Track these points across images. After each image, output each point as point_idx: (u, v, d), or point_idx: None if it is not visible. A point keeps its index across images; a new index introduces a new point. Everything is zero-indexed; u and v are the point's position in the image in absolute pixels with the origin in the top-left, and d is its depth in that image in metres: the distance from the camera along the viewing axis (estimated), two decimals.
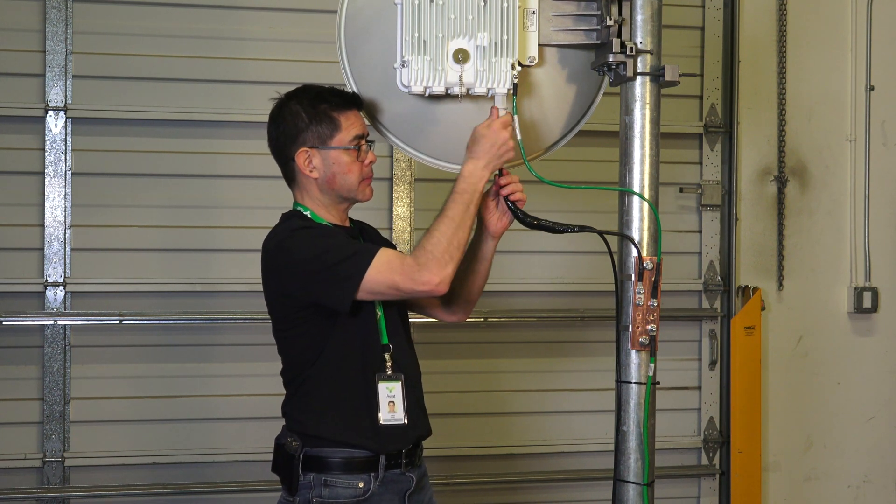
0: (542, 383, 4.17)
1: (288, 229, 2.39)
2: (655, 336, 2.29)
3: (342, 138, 2.40)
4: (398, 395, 2.41)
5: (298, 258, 2.32)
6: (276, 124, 2.45)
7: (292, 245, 2.34)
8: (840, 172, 4.40)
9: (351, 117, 2.42)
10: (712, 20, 4.25)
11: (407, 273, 2.25)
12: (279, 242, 2.38)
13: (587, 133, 2.69)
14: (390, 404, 2.40)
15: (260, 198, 3.88)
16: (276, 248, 2.38)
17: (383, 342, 2.43)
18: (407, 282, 2.24)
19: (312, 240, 2.34)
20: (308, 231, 2.37)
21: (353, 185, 2.43)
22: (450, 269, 2.25)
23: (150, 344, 3.87)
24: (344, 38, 2.48)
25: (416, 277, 2.24)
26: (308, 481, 2.38)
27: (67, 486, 3.80)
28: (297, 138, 2.41)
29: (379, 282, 2.26)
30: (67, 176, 3.79)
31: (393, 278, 2.25)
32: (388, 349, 2.42)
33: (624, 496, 2.33)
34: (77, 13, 3.78)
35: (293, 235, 2.36)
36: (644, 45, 2.31)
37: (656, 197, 2.33)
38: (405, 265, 2.26)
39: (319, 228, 2.41)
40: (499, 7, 2.28)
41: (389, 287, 2.26)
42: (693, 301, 4.31)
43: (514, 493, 4.16)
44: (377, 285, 2.26)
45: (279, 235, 2.40)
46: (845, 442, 4.43)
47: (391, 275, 2.25)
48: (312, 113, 2.39)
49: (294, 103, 2.42)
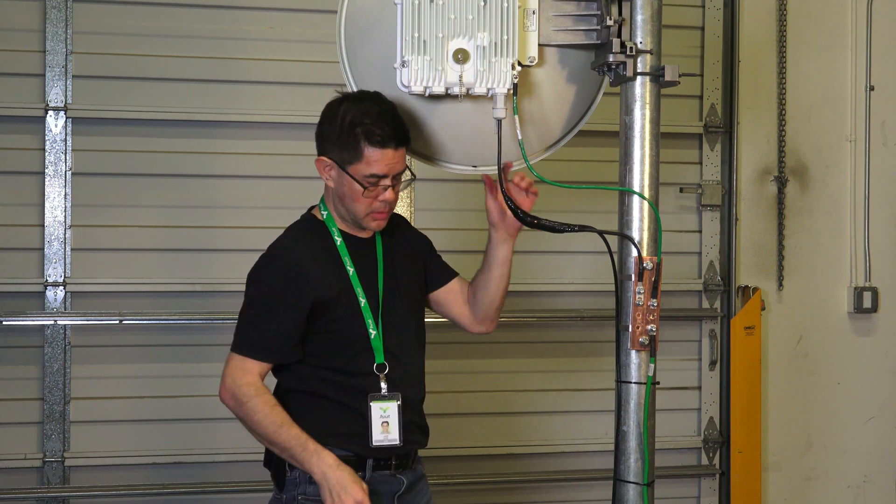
0: (542, 383, 4.17)
1: (269, 249, 2.44)
2: (655, 336, 2.29)
3: (359, 170, 2.34)
4: (393, 415, 2.39)
5: (247, 289, 2.44)
6: (321, 120, 2.41)
7: (254, 271, 2.44)
8: (840, 172, 4.40)
9: (379, 155, 2.32)
10: (712, 20, 4.25)
11: (224, 382, 2.40)
12: (262, 256, 2.44)
13: (587, 133, 2.69)
14: (384, 425, 2.38)
15: (260, 198, 3.88)
16: (260, 257, 2.45)
17: (378, 361, 2.40)
18: (220, 383, 2.42)
19: (256, 282, 2.42)
20: (264, 269, 2.41)
21: (359, 214, 2.40)
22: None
23: (150, 344, 3.87)
24: (344, 38, 2.48)
25: (220, 387, 2.42)
26: (294, 478, 2.39)
27: (67, 486, 3.80)
28: (325, 145, 2.39)
29: (226, 369, 2.42)
30: (67, 176, 3.79)
31: (223, 373, 2.41)
32: (383, 368, 2.40)
33: (624, 496, 2.33)
34: (77, 13, 3.78)
35: (259, 262, 2.43)
36: (644, 45, 2.30)
37: (656, 197, 2.32)
38: (228, 380, 2.39)
39: (277, 266, 2.40)
40: (499, 7, 2.28)
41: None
42: (693, 301, 4.31)
43: (514, 493, 4.16)
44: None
45: (268, 250, 2.44)
46: (845, 442, 4.43)
47: (225, 372, 2.41)
48: (348, 131, 2.33)
49: (343, 110, 2.35)
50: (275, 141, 3.91)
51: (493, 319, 2.63)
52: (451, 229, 3.90)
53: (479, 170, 2.54)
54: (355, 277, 2.41)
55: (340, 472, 2.29)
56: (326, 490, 2.29)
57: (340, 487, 2.28)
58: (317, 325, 2.37)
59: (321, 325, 2.37)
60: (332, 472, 2.29)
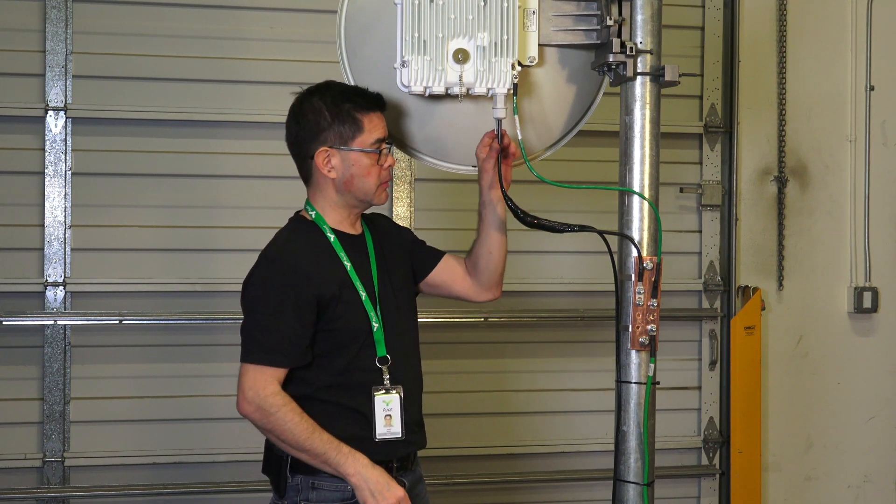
0: (542, 383, 4.17)
1: (264, 252, 2.39)
2: (655, 336, 2.29)
3: (364, 140, 2.35)
4: (395, 408, 2.38)
5: (246, 295, 2.37)
6: (297, 120, 2.39)
7: (252, 276, 2.37)
8: (840, 172, 4.40)
9: (374, 119, 2.36)
10: (712, 20, 4.25)
11: (244, 395, 2.30)
12: (257, 261, 2.38)
13: (587, 133, 2.70)
14: (387, 418, 2.38)
15: (260, 198, 3.88)
16: (255, 263, 2.39)
17: (380, 354, 2.39)
18: (239, 395, 2.32)
19: (257, 286, 2.35)
20: (263, 272, 2.35)
21: (371, 188, 2.39)
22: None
23: (150, 344, 3.87)
24: (344, 38, 2.48)
25: (240, 400, 2.32)
26: (296, 484, 2.37)
27: (67, 486, 3.80)
28: (318, 136, 2.36)
29: (241, 379, 2.32)
30: (67, 176, 3.79)
31: (241, 386, 2.31)
32: (385, 361, 2.39)
33: (624, 496, 2.33)
34: (77, 13, 3.78)
35: (256, 267, 2.37)
36: (644, 45, 2.31)
37: (656, 197, 2.32)
38: (249, 392, 2.30)
39: (276, 267, 2.34)
40: (499, 7, 2.28)
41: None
42: (693, 301, 4.31)
43: (514, 493, 4.16)
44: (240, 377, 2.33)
45: (262, 254, 2.39)
46: (845, 442, 4.43)
47: (243, 385, 2.31)
48: (335, 112, 2.34)
49: (317, 100, 2.36)
50: (275, 141, 3.88)
51: (500, 283, 2.62)
52: (451, 229, 3.90)
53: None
54: (353, 272, 2.39)
55: (378, 472, 2.31)
56: (367, 491, 2.28)
57: (382, 486, 2.29)
58: (321, 323, 2.36)
59: (325, 323, 2.35)
60: (369, 472, 2.30)
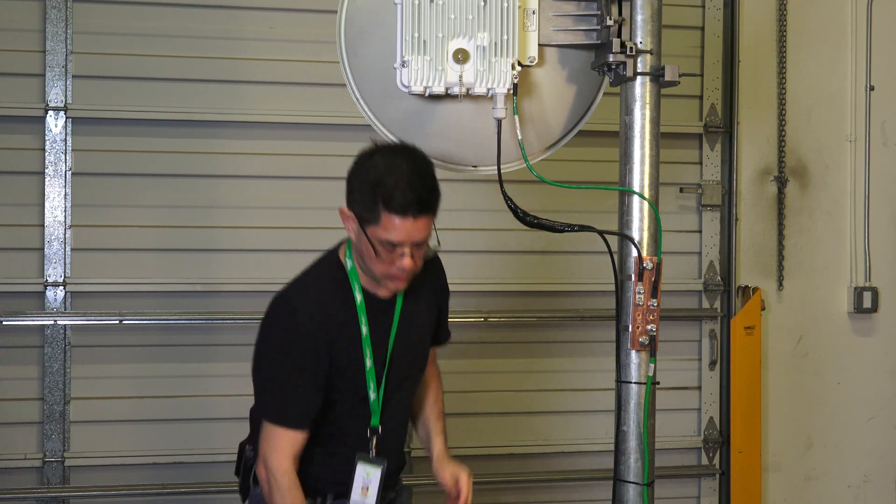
0: (542, 383, 4.17)
1: (290, 293, 2.31)
2: (655, 336, 2.29)
3: (376, 233, 2.19)
4: (374, 481, 2.35)
5: (265, 337, 2.32)
6: (352, 169, 2.25)
7: (273, 317, 2.31)
8: (840, 172, 4.40)
9: (397, 223, 2.15)
10: (712, 20, 4.25)
11: (263, 456, 2.30)
12: (282, 301, 2.31)
13: (587, 133, 2.69)
14: (364, 489, 2.35)
15: (260, 198, 3.87)
16: (278, 302, 2.32)
17: (373, 424, 2.36)
18: (261, 456, 2.32)
19: (277, 338, 2.29)
20: (286, 323, 2.28)
21: (374, 274, 2.28)
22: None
23: (150, 344, 3.87)
24: (344, 38, 2.48)
25: (259, 462, 2.33)
26: (257, 494, 2.37)
27: (67, 486, 3.80)
28: (351, 195, 2.23)
29: (262, 438, 2.31)
30: (67, 176, 3.79)
31: (264, 452, 2.30)
32: (376, 432, 2.37)
33: (624, 496, 2.33)
34: (77, 13, 3.78)
35: (279, 308, 2.30)
36: (644, 45, 2.31)
37: (656, 197, 2.33)
38: (267, 458, 2.29)
39: (299, 328, 2.26)
40: (499, 7, 2.28)
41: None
42: (693, 301, 4.30)
43: (515, 493, 4.16)
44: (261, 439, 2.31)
45: (289, 294, 2.32)
46: (845, 442, 4.43)
47: (264, 445, 2.30)
48: (368, 192, 2.17)
49: (370, 165, 2.20)
50: (275, 141, 3.91)
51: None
52: (451, 229, 3.89)
53: (479, 170, 2.55)
54: (367, 340, 2.32)
55: None
56: None
57: None
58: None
59: (327, 380, 2.32)
60: None
